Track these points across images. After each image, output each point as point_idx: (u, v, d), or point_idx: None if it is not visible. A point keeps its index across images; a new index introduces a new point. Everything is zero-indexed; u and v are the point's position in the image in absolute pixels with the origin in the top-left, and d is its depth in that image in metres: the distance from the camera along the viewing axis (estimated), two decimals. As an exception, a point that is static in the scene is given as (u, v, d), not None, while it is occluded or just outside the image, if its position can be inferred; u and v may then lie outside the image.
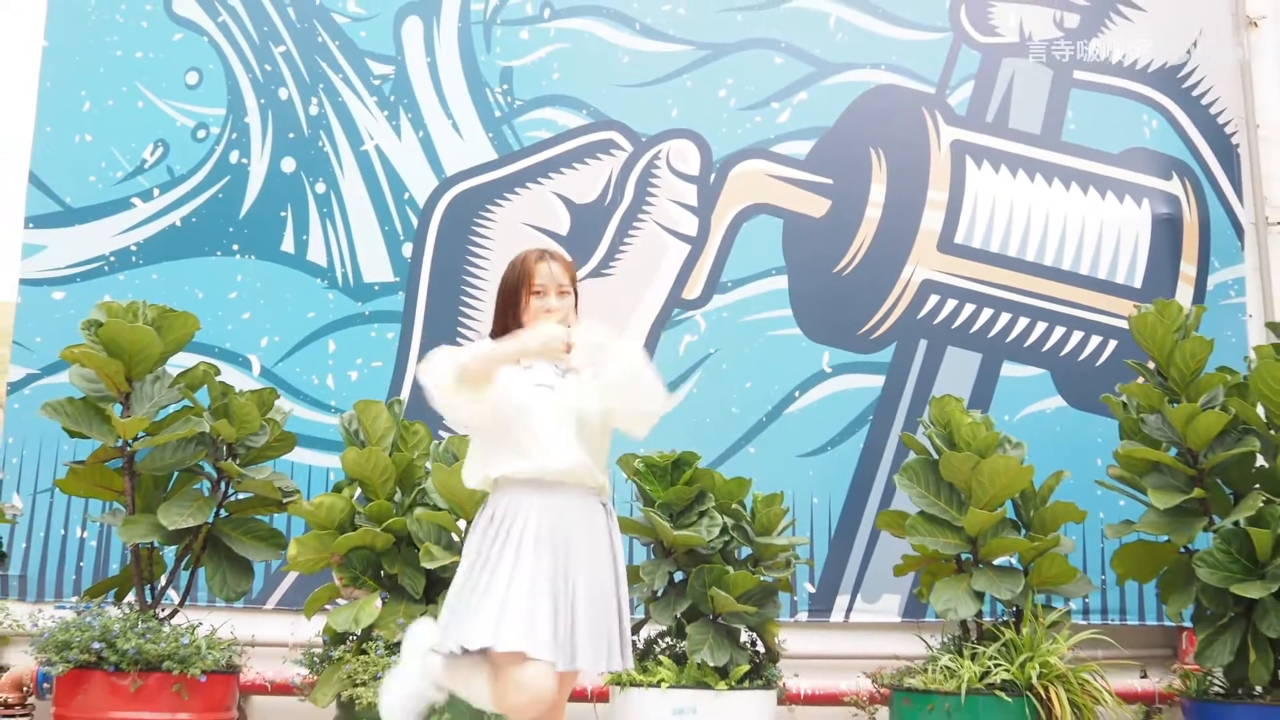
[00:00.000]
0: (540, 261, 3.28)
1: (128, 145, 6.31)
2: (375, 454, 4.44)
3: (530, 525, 3.06)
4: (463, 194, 6.28)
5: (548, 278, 3.26)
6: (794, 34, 6.48)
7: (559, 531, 3.08)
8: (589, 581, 3.08)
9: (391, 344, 6.14)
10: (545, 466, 3.09)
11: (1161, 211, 6.30)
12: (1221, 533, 4.45)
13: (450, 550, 4.37)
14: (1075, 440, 5.99)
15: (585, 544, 3.12)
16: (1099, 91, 6.46)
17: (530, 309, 3.25)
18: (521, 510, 3.08)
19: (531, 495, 3.10)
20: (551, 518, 3.08)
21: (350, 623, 4.23)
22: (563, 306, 3.26)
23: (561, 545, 3.07)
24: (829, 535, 5.99)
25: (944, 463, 4.64)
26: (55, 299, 6.15)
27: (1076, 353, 6.18)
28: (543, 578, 3.00)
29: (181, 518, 4.35)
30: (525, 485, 3.11)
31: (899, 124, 6.40)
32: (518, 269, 3.30)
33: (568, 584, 3.04)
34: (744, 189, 6.32)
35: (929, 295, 6.21)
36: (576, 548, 3.09)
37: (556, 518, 3.09)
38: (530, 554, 3.01)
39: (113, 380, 4.39)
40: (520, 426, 3.12)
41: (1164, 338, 4.61)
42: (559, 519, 3.09)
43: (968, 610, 4.51)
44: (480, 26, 6.45)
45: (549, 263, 3.28)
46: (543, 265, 3.27)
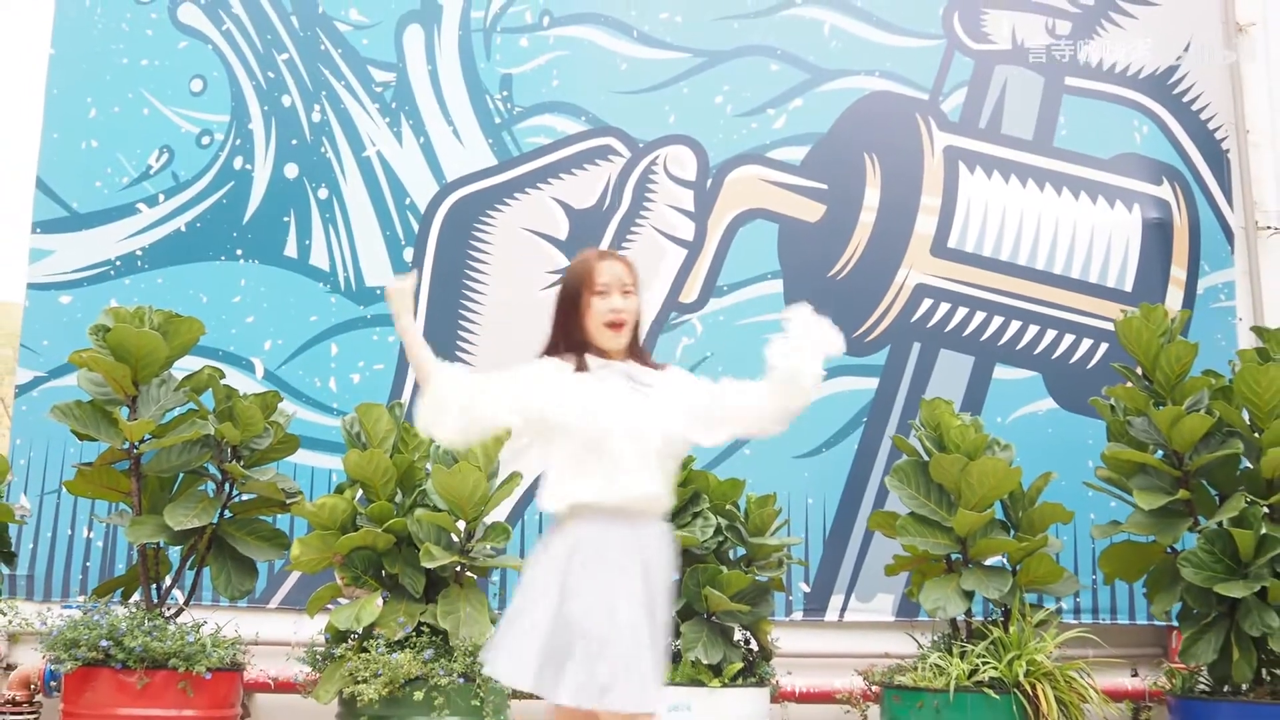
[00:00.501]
0: (602, 260, 3.04)
1: (133, 151, 6.40)
2: (376, 456, 4.53)
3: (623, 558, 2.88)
4: (463, 199, 6.37)
5: (611, 276, 3.00)
6: (789, 41, 6.57)
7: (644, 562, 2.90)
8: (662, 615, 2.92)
9: (393, 347, 6.22)
10: (629, 494, 2.89)
11: (1152, 216, 6.38)
12: (1206, 533, 4.55)
13: (449, 550, 4.46)
14: (1066, 442, 6.07)
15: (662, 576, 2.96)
16: (1090, 98, 6.55)
17: (593, 311, 2.99)
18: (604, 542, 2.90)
19: (616, 526, 2.91)
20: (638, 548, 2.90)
21: (352, 621, 4.32)
22: (629, 308, 3.00)
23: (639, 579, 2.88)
24: (824, 535, 6.08)
25: (934, 464, 4.74)
26: (62, 303, 6.24)
27: (1068, 355, 6.26)
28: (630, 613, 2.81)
29: (187, 518, 4.44)
30: (609, 514, 2.91)
31: (893, 130, 6.48)
32: (577, 270, 3.04)
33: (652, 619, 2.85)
34: (740, 194, 6.40)
35: (922, 299, 6.29)
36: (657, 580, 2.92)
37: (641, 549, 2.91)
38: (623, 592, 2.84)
39: (120, 384, 4.49)
40: (589, 448, 2.91)
41: (1149, 342, 4.70)
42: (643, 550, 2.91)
43: (956, 609, 4.60)
44: (480, 34, 6.54)
45: (611, 261, 3.04)
46: (605, 264, 3.02)
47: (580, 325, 3.02)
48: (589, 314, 3.00)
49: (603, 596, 2.81)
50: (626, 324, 3.01)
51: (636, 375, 3.01)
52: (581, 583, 2.83)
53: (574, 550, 2.88)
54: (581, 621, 2.78)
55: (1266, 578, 4.38)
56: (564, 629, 2.80)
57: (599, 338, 3.00)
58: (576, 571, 2.85)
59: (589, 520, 2.90)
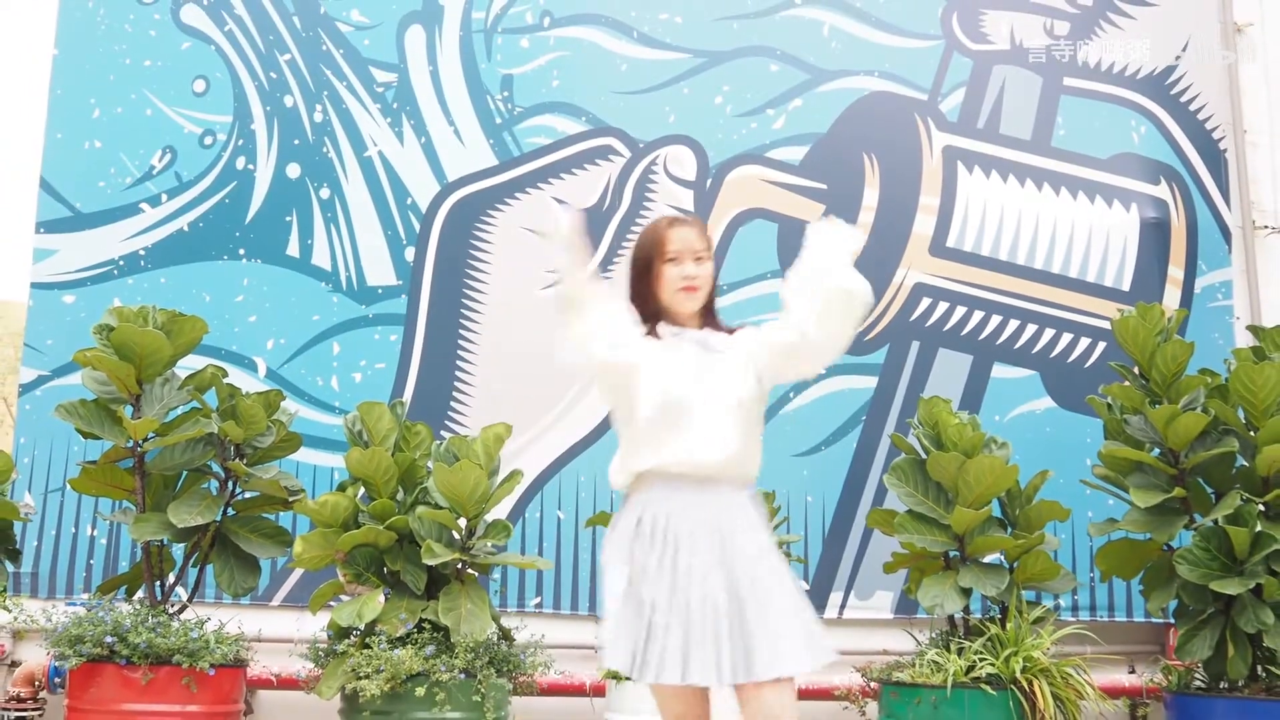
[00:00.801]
0: (672, 227, 3.01)
1: (136, 152, 6.43)
2: (378, 454, 4.57)
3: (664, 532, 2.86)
4: (464, 199, 6.41)
5: (682, 243, 2.97)
6: (789, 42, 6.61)
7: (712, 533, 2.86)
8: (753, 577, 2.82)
9: (394, 346, 6.26)
10: (701, 458, 2.87)
11: (1150, 216, 6.42)
12: (1201, 531, 4.58)
13: (450, 547, 4.50)
14: (1064, 440, 6.11)
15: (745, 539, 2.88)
16: (1088, 98, 6.59)
17: (665, 279, 2.97)
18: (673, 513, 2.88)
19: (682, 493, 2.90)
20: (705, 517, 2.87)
21: (354, 618, 4.35)
22: (702, 274, 2.97)
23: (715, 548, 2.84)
24: (823, 533, 6.11)
25: (931, 462, 4.77)
26: (66, 302, 6.28)
27: (1066, 354, 6.30)
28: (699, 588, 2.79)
29: (191, 516, 4.48)
30: (675, 481, 2.90)
31: (892, 130, 6.52)
32: (648, 238, 3.03)
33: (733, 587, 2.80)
34: (740, 194, 6.44)
35: (921, 298, 6.33)
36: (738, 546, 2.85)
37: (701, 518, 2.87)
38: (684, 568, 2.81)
39: (124, 383, 4.53)
40: (662, 417, 2.88)
41: (1146, 341, 4.73)
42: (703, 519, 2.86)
43: (954, 605, 4.64)
44: (481, 35, 6.58)
45: (681, 227, 3.01)
46: (675, 230, 2.99)
47: (653, 294, 3.01)
48: (662, 282, 2.98)
49: (665, 575, 2.81)
50: (701, 288, 2.99)
51: (709, 342, 2.98)
52: (647, 560, 2.85)
53: (639, 523, 2.90)
54: (653, 601, 2.79)
55: (1261, 575, 4.41)
56: (640, 611, 2.80)
57: (674, 303, 2.99)
58: (642, 549, 2.87)
59: (654, 487, 2.91)
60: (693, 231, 3.02)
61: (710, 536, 2.85)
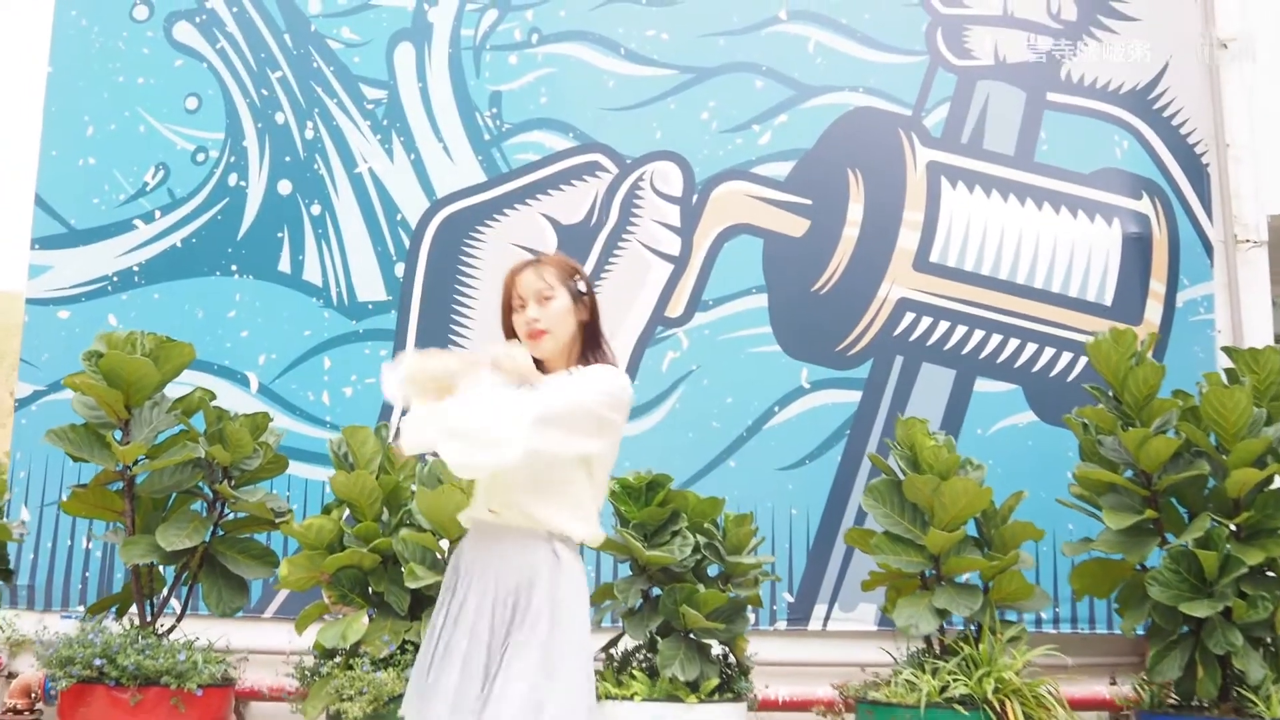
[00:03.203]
0: (515, 275, 2.89)
1: (130, 168, 6.50)
2: (362, 477, 4.65)
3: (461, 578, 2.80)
4: (453, 215, 6.47)
5: (521, 288, 2.86)
6: (774, 58, 6.66)
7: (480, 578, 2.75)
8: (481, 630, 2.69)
9: (385, 361, 6.31)
10: (483, 505, 2.80)
11: (1132, 230, 6.48)
12: (1172, 553, 4.65)
13: (433, 569, 4.58)
14: (1046, 454, 6.16)
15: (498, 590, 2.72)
16: (1071, 113, 6.64)
17: (519, 331, 2.87)
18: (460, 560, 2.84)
19: (470, 541, 2.85)
20: (478, 566, 2.77)
21: (338, 639, 4.44)
22: (546, 314, 2.82)
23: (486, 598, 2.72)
24: (807, 546, 6.19)
25: (908, 484, 4.85)
26: (61, 318, 6.35)
27: (1048, 369, 6.36)
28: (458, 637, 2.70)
29: (179, 538, 4.56)
30: (476, 530, 2.86)
31: (876, 145, 6.57)
32: (502, 291, 2.93)
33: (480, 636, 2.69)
34: (725, 209, 6.50)
35: (905, 313, 6.39)
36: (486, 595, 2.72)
37: (482, 561, 2.76)
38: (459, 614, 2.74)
39: (112, 408, 4.61)
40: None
41: (1119, 364, 4.80)
42: (485, 564, 2.75)
43: (929, 626, 4.71)
44: (470, 52, 6.64)
45: (523, 272, 2.88)
46: (517, 278, 2.88)
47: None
48: (518, 332, 2.87)
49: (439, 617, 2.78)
50: (550, 330, 2.83)
51: (540, 386, 2.73)
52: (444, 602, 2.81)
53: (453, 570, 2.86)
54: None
55: (1230, 597, 4.49)
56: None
57: (532, 351, 2.82)
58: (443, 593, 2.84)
59: (465, 537, 2.87)
60: (533, 272, 2.86)
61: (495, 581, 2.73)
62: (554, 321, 2.84)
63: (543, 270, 2.87)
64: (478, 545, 2.82)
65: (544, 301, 2.83)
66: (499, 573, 2.73)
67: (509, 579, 2.72)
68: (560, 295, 2.85)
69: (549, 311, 2.83)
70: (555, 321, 2.84)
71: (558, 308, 2.84)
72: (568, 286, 2.87)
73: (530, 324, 2.83)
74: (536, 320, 2.83)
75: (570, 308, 2.87)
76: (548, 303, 2.83)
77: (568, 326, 2.87)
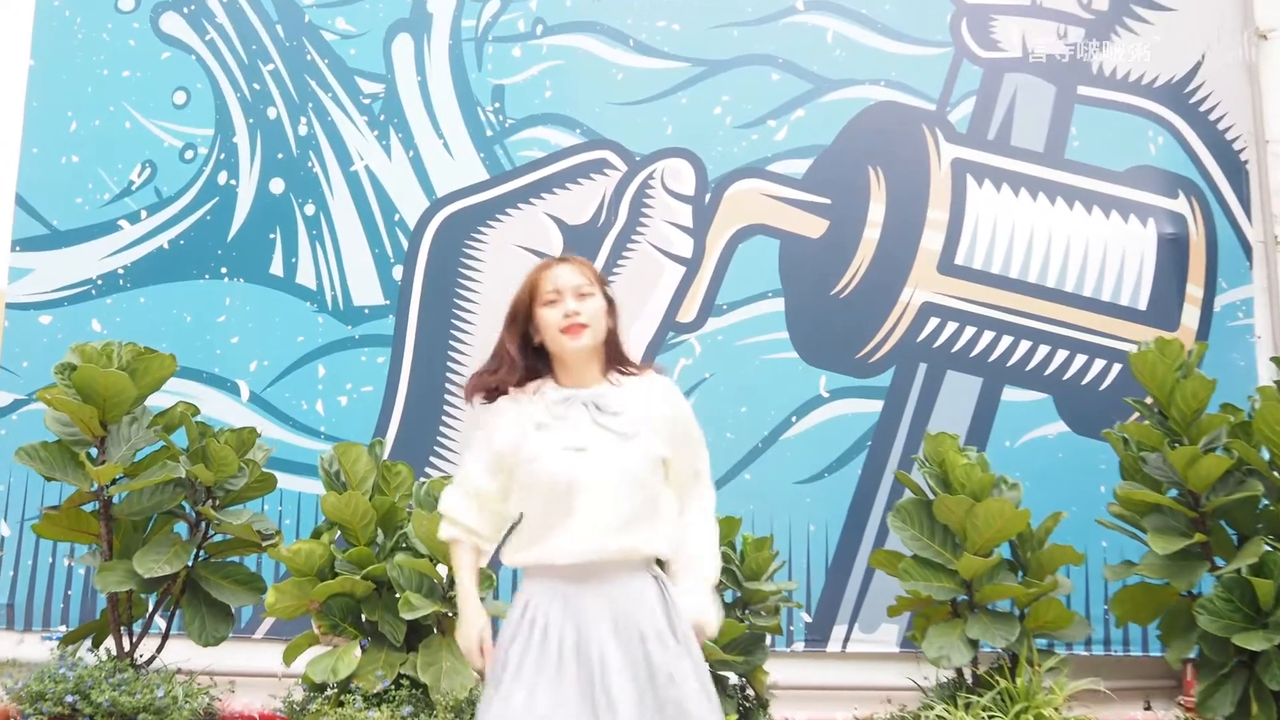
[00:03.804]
0: (547, 269, 2.71)
1: (115, 166, 6.23)
2: (355, 498, 4.34)
3: (553, 632, 2.54)
4: (454, 215, 6.18)
5: (559, 281, 2.67)
6: (791, 50, 6.34)
7: (589, 636, 2.53)
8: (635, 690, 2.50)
9: (382, 368, 6.05)
10: (581, 548, 2.55)
11: (1167, 231, 6.16)
12: (1224, 580, 4.33)
13: (430, 598, 4.27)
14: (1078, 467, 5.87)
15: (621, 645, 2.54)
16: (1104, 107, 6.31)
17: (545, 324, 2.66)
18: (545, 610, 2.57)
19: (573, 587, 2.58)
20: (578, 618, 2.55)
21: (328, 673, 4.13)
22: (587, 309, 2.65)
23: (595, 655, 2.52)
24: (826, 564, 5.88)
25: (938, 505, 4.53)
26: (42, 323, 6.09)
27: (1079, 377, 6.05)
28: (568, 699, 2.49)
29: (158, 564, 4.26)
30: (551, 575, 2.59)
31: (898, 142, 6.26)
32: (522, 286, 2.73)
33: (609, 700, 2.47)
34: (740, 209, 6.19)
35: (929, 318, 6.08)
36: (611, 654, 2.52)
37: (584, 617, 2.55)
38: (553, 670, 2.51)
39: (87, 425, 4.31)
40: (549, 504, 2.58)
41: (1164, 376, 4.48)
42: (587, 618, 2.55)
43: (961, 658, 4.40)
44: (472, 44, 6.33)
45: (556, 267, 2.71)
46: (550, 270, 2.70)
47: (529, 340, 2.71)
48: (544, 328, 2.67)
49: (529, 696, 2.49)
50: (589, 325, 2.66)
51: (604, 402, 2.65)
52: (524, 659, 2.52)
53: (520, 619, 2.58)
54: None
55: (1288, 628, 4.17)
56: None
57: (560, 349, 2.67)
58: (515, 657, 2.53)
59: (543, 582, 2.59)
60: (571, 268, 2.71)
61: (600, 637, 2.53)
62: (593, 318, 2.69)
63: (581, 268, 2.74)
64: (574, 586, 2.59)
65: (583, 298, 2.68)
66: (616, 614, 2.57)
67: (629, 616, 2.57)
68: (597, 295, 2.72)
69: (589, 307, 2.68)
70: (595, 318, 2.69)
71: (596, 306, 2.70)
72: (601, 288, 2.75)
73: (571, 316, 2.65)
74: (578, 313, 2.66)
75: (605, 310, 2.73)
76: (586, 299, 2.69)
77: (602, 328, 2.72)
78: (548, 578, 2.59)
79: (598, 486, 2.56)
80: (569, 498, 2.55)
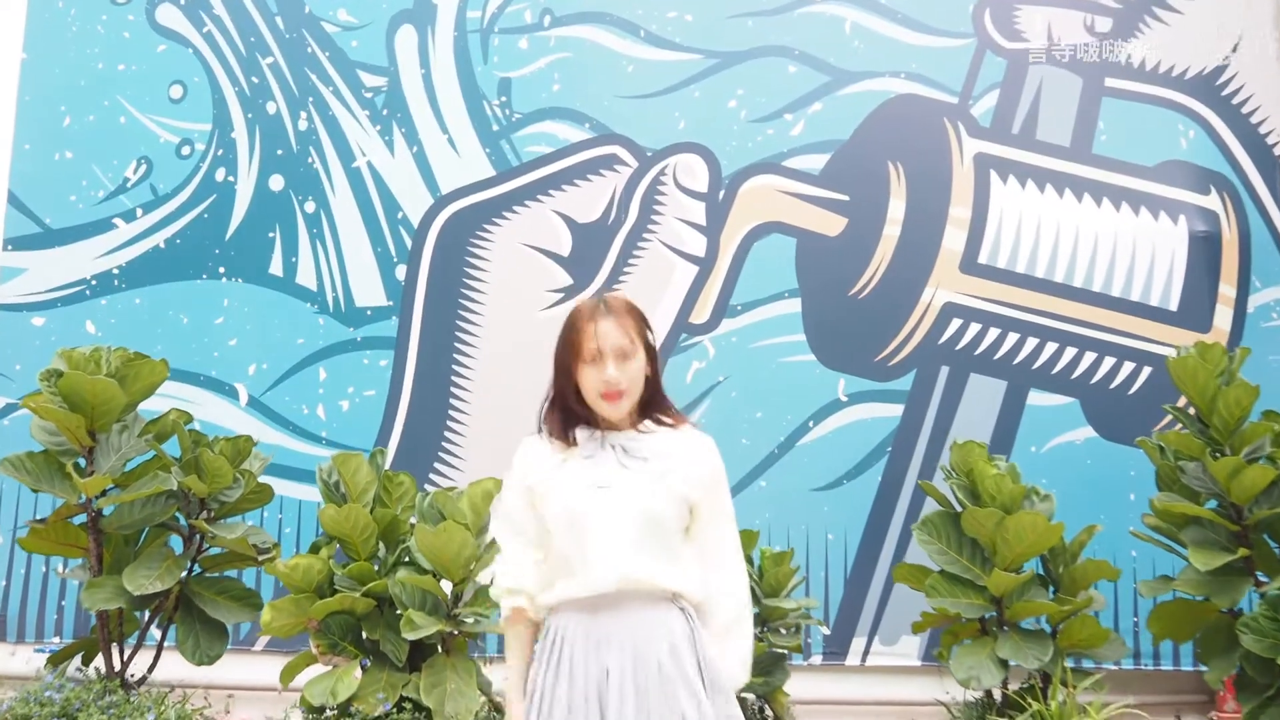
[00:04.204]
0: (590, 321, 2.58)
1: (109, 163, 6.05)
2: (355, 511, 4.14)
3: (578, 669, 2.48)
4: (459, 213, 5.97)
5: (601, 340, 2.56)
6: (808, 41, 6.12)
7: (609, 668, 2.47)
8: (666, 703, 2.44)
9: (385, 372, 5.85)
10: (602, 581, 2.48)
11: (1199, 228, 5.93)
12: (1269, 598, 4.11)
13: (434, 616, 4.07)
14: (1107, 474, 5.66)
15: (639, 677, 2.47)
16: (1132, 100, 6.08)
17: (585, 384, 2.59)
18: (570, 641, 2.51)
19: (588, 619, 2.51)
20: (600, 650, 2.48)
21: (327, 695, 3.93)
22: (626, 376, 2.56)
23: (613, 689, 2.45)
24: (844, 574, 5.67)
25: (966, 518, 4.31)
26: (35, 325, 5.91)
27: (1108, 380, 5.82)
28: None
29: (149, 581, 4.06)
30: (574, 608, 2.53)
31: (919, 136, 6.03)
32: (564, 336, 2.63)
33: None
34: (755, 206, 5.98)
35: (951, 319, 5.86)
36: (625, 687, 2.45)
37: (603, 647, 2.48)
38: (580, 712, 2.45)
39: (74, 434, 4.10)
40: (568, 538, 2.52)
41: (1206, 383, 4.26)
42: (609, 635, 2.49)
43: (992, 679, 4.19)
44: (477, 35, 6.12)
45: (599, 321, 2.58)
46: (590, 327, 2.57)
47: (578, 396, 2.62)
48: (584, 386, 2.60)
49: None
50: (627, 393, 2.57)
51: (633, 447, 2.58)
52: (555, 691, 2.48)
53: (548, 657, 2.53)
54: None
55: (1337, 649, 3.96)
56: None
57: (599, 409, 2.60)
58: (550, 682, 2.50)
59: (565, 615, 2.54)
60: (613, 324, 2.58)
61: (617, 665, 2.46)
62: (632, 383, 2.60)
63: (625, 323, 2.61)
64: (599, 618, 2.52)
65: (624, 360, 2.59)
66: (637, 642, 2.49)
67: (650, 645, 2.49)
68: (639, 353, 2.62)
69: (629, 371, 2.59)
70: (633, 383, 2.60)
71: (636, 368, 2.61)
72: (643, 340, 2.64)
73: (611, 384, 2.57)
74: (618, 381, 2.57)
75: (644, 364, 2.64)
76: (627, 362, 2.59)
77: (640, 386, 2.64)
78: (571, 610, 2.52)
79: (615, 519, 2.50)
80: (585, 532, 2.50)
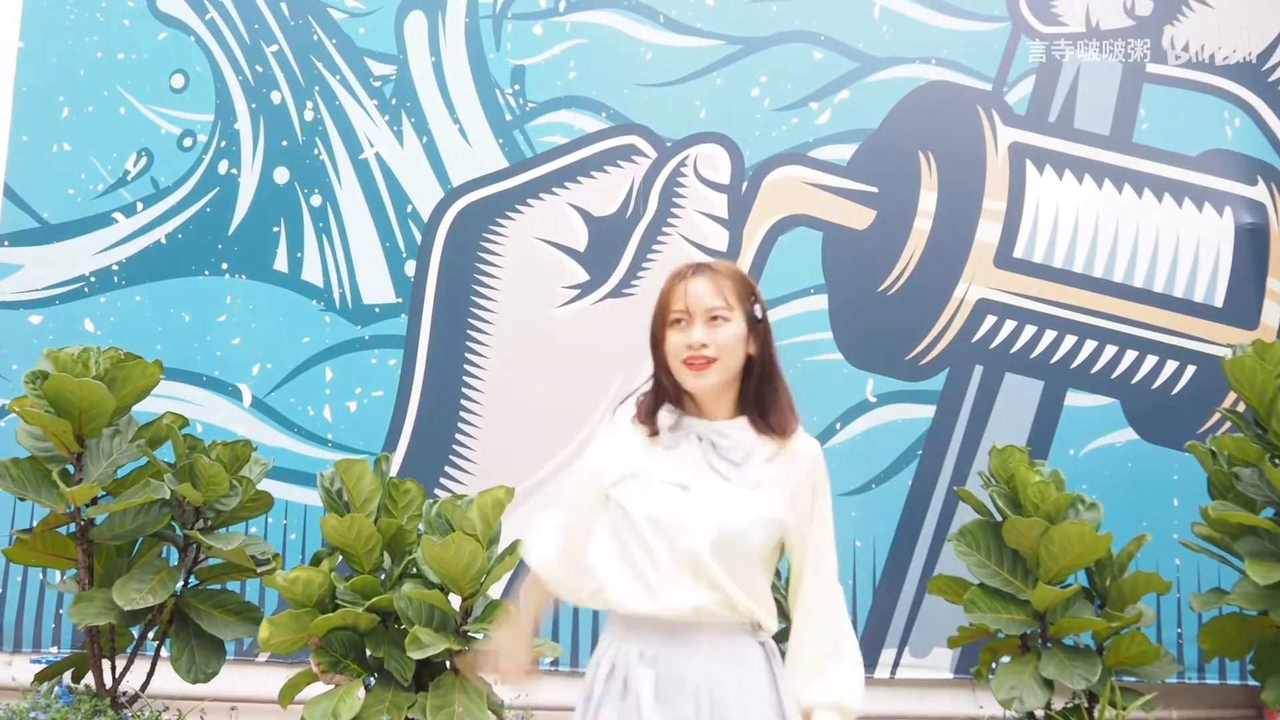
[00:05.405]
0: (679, 280, 2.26)
1: (109, 155, 5.85)
2: (358, 521, 3.91)
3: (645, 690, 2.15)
4: (470, 206, 5.75)
5: (689, 299, 2.22)
6: (834, 26, 5.88)
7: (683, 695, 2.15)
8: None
9: (393, 371, 5.63)
10: (665, 605, 2.15)
11: (1245, 220, 5.67)
12: (1332, 614, 3.86)
13: (442, 633, 3.84)
14: (1149, 477, 5.43)
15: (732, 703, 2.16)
16: (1175, 87, 5.82)
17: (668, 349, 2.25)
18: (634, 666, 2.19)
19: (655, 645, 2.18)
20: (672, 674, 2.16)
21: (328, 716, 3.71)
22: (717, 339, 2.20)
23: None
24: (873, 583, 5.43)
25: (1008, 528, 4.06)
26: (32, 323, 5.72)
27: (1150, 380, 5.57)
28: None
29: (141, 595, 3.84)
30: (641, 627, 2.20)
31: (951, 125, 5.79)
32: (658, 299, 2.30)
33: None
34: (779, 198, 5.74)
35: (985, 316, 5.61)
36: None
37: (678, 675, 2.16)
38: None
39: (61, 440, 3.88)
40: (634, 542, 2.19)
41: (1264, 384, 4.00)
42: (682, 677, 2.16)
43: (1035, 700, 3.94)
44: (489, 21, 5.89)
45: (690, 280, 2.25)
46: (682, 284, 2.25)
47: (664, 365, 2.27)
48: (668, 355, 2.25)
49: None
50: (718, 359, 2.19)
51: (722, 442, 2.21)
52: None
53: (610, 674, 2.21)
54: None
55: (1407, 669, 3.70)
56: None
57: (683, 381, 2.23)
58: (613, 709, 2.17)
59: (624, 634, 2.21)
60: (705, 283, 2.23)
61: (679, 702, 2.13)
62: (724, 349, 2.20)
63: (721, 284, 2.24)
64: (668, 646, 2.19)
65: (714, 323, 2.21)
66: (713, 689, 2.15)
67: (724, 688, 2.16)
68: (736, 318, 2.22)
69: (720, 336, 2.20)
70: (726, 350, 2.20)
71: (730, 334, 2.21)
72: (745, 308, 2.25)
73: (694, 349, 2.19)
74: (704, 346, 2.19)
75: (744, 336, 2.23)
76: (719, 325, 2.21)
77: (737, 360, 2.23)
78: (633, 628, 2.19)
79: (693, 532, 2.14)
80: (657, 540, 2.15)
